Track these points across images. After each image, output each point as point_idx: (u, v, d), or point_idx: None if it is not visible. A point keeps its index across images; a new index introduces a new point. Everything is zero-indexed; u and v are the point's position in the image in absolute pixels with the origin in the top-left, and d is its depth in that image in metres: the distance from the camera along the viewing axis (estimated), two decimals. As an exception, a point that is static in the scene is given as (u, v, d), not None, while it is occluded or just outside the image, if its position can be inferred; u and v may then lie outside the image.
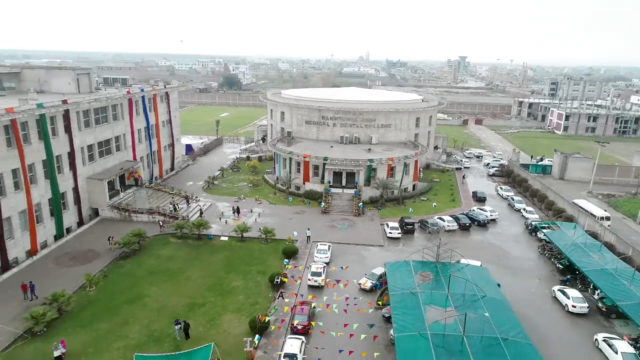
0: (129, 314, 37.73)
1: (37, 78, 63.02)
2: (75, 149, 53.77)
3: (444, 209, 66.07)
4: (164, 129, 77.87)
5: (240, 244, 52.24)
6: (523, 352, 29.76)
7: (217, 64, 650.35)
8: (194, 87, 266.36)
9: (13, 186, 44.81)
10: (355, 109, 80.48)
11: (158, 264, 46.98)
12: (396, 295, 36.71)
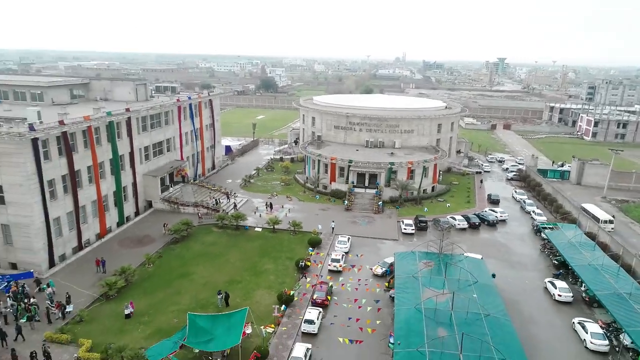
0: (180, 286, 46.19)
1: (102, 88, 73.17)
2: (134, 150, 63.20)
3: (458, 209, 71.87)
4: (207, 132, 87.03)
5: (272, 234, 60.16)
6: (499, 325, 36.05)
7: (254, 65, 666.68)
8: (232, 89, 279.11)
9: (87, 180, 54.33)
10: (380, 115, 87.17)
11: (203, 248, 55.49)
12: (400, 278, 43.53)
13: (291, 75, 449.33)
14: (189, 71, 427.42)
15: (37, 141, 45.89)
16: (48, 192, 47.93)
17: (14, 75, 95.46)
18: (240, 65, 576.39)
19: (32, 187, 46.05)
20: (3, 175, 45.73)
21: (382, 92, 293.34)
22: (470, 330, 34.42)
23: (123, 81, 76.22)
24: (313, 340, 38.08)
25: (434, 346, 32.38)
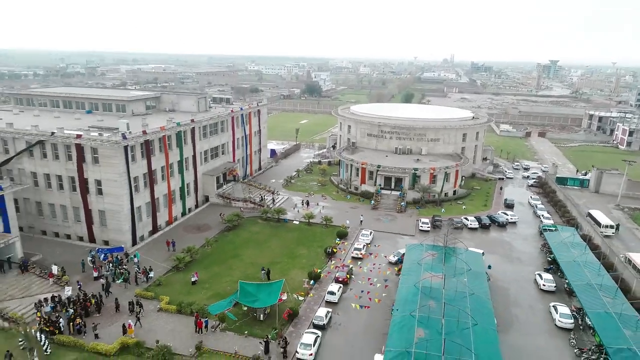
0: (232, 264, 58.37)
1: (170, 100, 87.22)
2: (196, 153, 76.40)
3: (473, 212, 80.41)
4: (255, 138, 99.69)
5: (307, 227, 71.49)
6: (480, 301, 45.50)
7: (301, 68, 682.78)
8: (279, 93, 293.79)
9: (161, 178, 67.79)
10: (409, 125, 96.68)
11: (250, 236, 67.61)
12: (407, 264, 53.69)
13: (336, 78, 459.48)
14: (238, 74, 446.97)
15: (127, 147, 59.48)
16: (133, 187, 61.54)
17: (103, 89, 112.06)
18: (287, 68, 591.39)
19: (123, 182, 59.72)
20: (102, 173, 59.64)
21: (424, 96, 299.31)
22: (454, 303, 44.13)
23: (188, 95, 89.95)
24: (334, 307, 49.00)
25: (423, 312, 42.46)
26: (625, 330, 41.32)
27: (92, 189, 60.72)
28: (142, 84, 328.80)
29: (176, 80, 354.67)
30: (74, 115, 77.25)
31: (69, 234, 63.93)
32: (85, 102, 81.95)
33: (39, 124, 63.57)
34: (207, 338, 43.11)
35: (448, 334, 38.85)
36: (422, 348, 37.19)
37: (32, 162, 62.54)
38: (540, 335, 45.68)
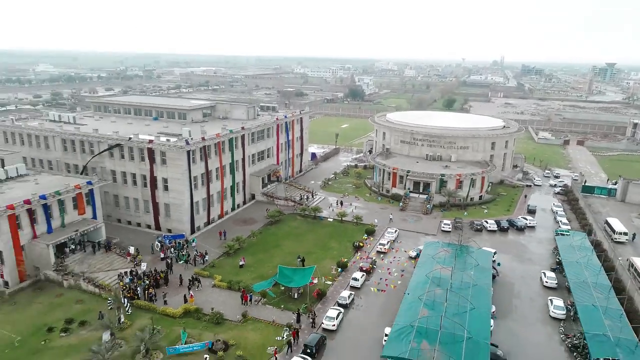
0: (273, 252, 68.49)
1: (224, 109, 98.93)
2: (245, 156, 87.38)
3: (495, 215, 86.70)
4: (297, 142, 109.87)
5: (340, 224, 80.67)
6: (481, 291, 53.07)
7: (346, 70, 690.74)
8: (323, 97, 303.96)
9: (215, 177, 79.11)
10: (439, 133, 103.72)
11: (289, 230, 77.62)
12: (422, 258, 61.83)
13: (380, 81, 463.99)
14: (284, 77, 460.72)
15: (189, 151, 70.96)
16: (193, 184, 73.03)
17: (167, 98, 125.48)
18: (332, 71, 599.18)
19: (185, 180, 71.28)
20: (168, 172, 71.48)
21: (466, 101, 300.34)
22: (458, 291, 52.00)
23: (239, 105, 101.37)
24: (356, 291, 57.96)
25: (430, 296, 50.62)
26: (606, 320, 47.76)
27: (159, 186, 72.77)
28: (195, 87, 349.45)
29: (226, 83, 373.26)
30: (144, 121, 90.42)
31: (139, 222, 76.42)
32: (152, 110, 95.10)
33: (117, 130, 76.57)
34: (251, 309, 53.28)
35: (447, 315, 46.91)
36: (424, 323, 45.47)
37: (112, 162, 75.43)
38: (534, 323, 52.69)
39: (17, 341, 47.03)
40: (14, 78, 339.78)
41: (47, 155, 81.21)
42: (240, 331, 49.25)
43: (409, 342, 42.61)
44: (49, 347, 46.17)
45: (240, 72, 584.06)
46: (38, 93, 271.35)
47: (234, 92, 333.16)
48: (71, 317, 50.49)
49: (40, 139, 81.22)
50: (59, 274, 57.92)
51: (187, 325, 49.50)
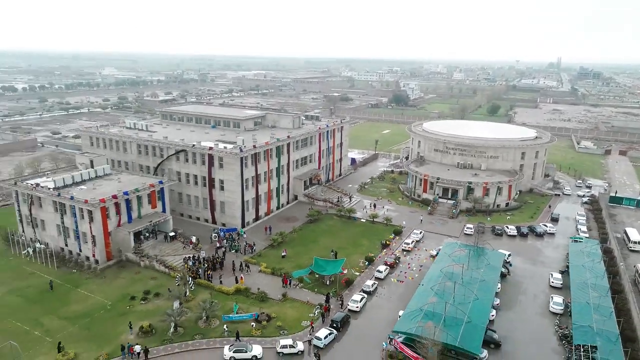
0: (311, 246, 79.18)
1: (272, 119, 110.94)
2: (290, 162, 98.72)
3: (518, 222, 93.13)
4: (338, 149, 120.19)
5: (371, 224, 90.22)
6: (487, 286, 61.22)
7: (393, 73, 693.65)
8: (367, 102, 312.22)
9: (263, 180, 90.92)
10: (470, 143, 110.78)
11: (326, 228, 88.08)
12: (440, 256, 70.50)
13: (427, 85, 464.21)
14: (331, 81, 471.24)
15: (243, 157, 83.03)
16: (244, 186, 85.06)
17: (223, 108, 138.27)
18: (378, 74, 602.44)
19: (238, 182, 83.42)
20: (224, 175, 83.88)
21: (512, 107, 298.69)
22: (466, 284, 60.50)
23: (286, 115, 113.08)
24: (380, 281, 67.54)
25: (440, 287, 59.43)
26: (595, 315, 54.80)
27: (216, 186, 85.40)
28: (246, 91, 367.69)
29: (275, 87, 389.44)
30: (204, 129, 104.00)
31: (199, 216, 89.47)
32: (211, 119, 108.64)
33: (182, 137, 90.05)
34: (290, 291, 64.17)
35: (453, 303, 55.66)
36: (431, 308, 54.50)
37: (177, 164, 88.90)
38: (534, 316, 60.27)
39: (109, 305, 60.32)
40: (84, 82, 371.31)
41: (125, 157, 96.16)
42: (280, 307, 60.27)
43: (417, 322, 51.87)
44: (132, 311, 59.05)
45: (289, 75, 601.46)
46: (106, 96, 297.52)
47: (282, 96, 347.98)
48: (148, 290, 63.36)
49: (119, 144, 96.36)
50: (137, 256, 71.39)
51: (238, 300, 61.05)
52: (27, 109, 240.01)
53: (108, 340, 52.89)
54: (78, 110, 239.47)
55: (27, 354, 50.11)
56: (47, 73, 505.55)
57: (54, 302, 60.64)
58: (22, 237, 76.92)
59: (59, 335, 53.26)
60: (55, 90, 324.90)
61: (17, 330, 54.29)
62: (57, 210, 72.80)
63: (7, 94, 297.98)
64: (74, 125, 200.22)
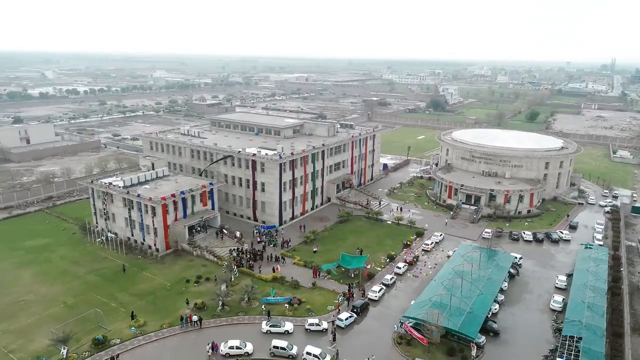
0: (339, 244, 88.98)
1: (309, 127, 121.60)
2: (324, 167, 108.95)
3: (537, 228, 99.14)
4: (370, 155, 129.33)
5: (396, 226, 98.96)
6: (492, 283, 69.02)
7: (435, 76, 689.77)
8: (405, 107, 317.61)
9: (299, 183, 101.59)
10: (495, 152, 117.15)
11: (354, 228, 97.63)
12: (455, 256, 78.67)
13: (468, 89, 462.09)
14: (370, 86, 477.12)
15: (281, 163, 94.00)
16: (282, 188, 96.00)
17: (266, 117, 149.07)
18: (419, 77, 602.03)
19: (276, 185, 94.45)
20: (265, 178, 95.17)
21: (552, 114, 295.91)
22: (473, 281, 68.59)
23: (322, 124, 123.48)
24: (398, 276, 76.53)
25: (450, 283, 67.84)
26: (587, 312, 61.70)
27: (258, 188, 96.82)
28: (288, 95, 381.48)
29: (316, 91, 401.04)
30: (248, 136, 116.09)
31: (242, 214, 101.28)
32: (254, 127, 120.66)
33: (229, 143, 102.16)
34: (319, 281, 74.31)
35: (459, 296, 64.02)
36: (439, 299, 63.13)
37: (225, 168, 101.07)
38: (534, 311, 67.61)
39: (168, 286, 72.61)
40: (138, 85, 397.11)
41: (179, 160, 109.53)
42: (310, 294, 70.55)
43: (424, 310, 60.73)
44: (187, 291, 70.96)
45: (330, 77, 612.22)
46: (158, 100, 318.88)
47: (322, 100, 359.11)
48: (200, 275, 75.25)
49: (175, 148, 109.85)
50: (191, 246, 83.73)
51: (274, 286, 71.78)
52: (89, 111, 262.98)
53: (169, 313, 64.90)
54: (134, 113, 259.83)
55: (108, 319, 62.77)
56: (104, 76, 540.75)
57: (125, 282, 73.62)
58: (96, 228, 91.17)
59: (131, 307, 65.80)
60: (112, 93, 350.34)
61: (98, 302, 67.29)
62: (125, 205, 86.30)
63: (71, 96, 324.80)
64: (130, 127, 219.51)
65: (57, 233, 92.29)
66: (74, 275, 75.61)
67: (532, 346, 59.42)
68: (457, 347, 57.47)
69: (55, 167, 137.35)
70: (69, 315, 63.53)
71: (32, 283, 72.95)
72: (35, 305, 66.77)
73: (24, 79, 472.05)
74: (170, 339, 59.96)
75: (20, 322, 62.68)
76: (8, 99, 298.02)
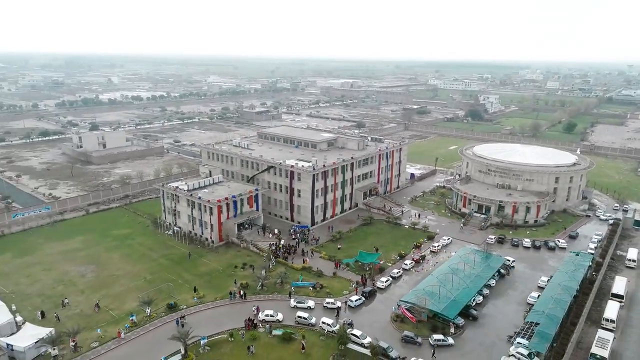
0: (360, 243, 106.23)
1: (342, 141, 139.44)
2: (353, 177, 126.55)
3: (538, 237, 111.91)
4: (396, 166, 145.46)
5: (412, 230, 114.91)
6: (479, 279, 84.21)
7: (483, 80, 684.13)
8: (444, 116, 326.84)
9: (330, 190, 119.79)
10: (508, 167, 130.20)
11: (375, 230, 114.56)
12: (454, 257, 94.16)
13: (511, 96, 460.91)
14: (414, 91, 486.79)
15: (314, 174, 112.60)
16: (315, 194, 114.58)
17: (305, 131, 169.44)
18: (465, 83, 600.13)
19: (310, 191, 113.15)
20: (301, 185, 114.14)
21: (592, 125, 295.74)
22: (464, 277, 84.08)
23: (352, 138, 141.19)
24: (405, 271, 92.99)
25: (443, 277, 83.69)
26: (551, 305, 75.80)
27: (295, 194, 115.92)
28: (331, 102, 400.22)
29: (359, 99, 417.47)
30: (289, 148, 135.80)
31: (281, 215, 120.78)
32: (295, 140, 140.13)
33: (272, 155, 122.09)
34: (338, 272, 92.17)
35: (448, 287, 79.86)
36: (430, 289, 79.28)
37: (268, 176, 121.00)
38: (513, 304, 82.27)
39: (220, 270, 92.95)
40: (194, 92, 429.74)
41: (231, 168, 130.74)
42: (330, 281, 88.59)
43: (417, 296, 77.21)
44: (235, 274, 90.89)
45: (375, 83, 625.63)
46: (212, 106, 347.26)
47: (364, 107, 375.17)
48: (245, 262, 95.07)
49: (228, 158, 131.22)
50: (239, 240, 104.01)
51: (302, 274, 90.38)
52: (152, 117, 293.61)
53: (221, 289, 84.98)
54: (190, 120, 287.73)
55: (176, 291, 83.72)
56: (163, 81, 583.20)
57: (189, 265, 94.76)
58: (164, 222, 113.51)
59: (193, 283, 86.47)
60: (171, 99, 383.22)
61: (169, 278, 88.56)
62: (188, 205, 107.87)
63: (136, 102, 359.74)
64: (188, 133, 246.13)
65: (135, 225, 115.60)
66: (150, 258, 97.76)
67: (502, 329, 74.49)
68: (440, 326, 73.66)
69: (127, 170, 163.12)
70: (149, 287, 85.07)
71: (119, 262, 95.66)
72: (123, 278, 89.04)
73: (93, 84, 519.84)
74: (221, 307, 79.98)
75: (115, 290, 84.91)
76: (83, 104, 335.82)
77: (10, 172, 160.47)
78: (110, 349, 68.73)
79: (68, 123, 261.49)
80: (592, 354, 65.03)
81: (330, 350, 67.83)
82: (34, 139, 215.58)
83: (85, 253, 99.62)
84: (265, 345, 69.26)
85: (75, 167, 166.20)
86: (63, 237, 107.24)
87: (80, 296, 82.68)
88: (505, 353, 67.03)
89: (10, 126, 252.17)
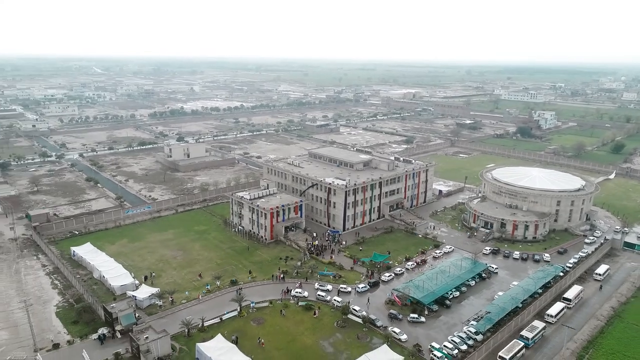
0: (378, 246, 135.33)
1: (375, 162, 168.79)
2: (382, 193, 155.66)
3: (531, 250, 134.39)
4: (422, 184, 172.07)
5: (424, 239, 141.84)
6: (459, 278, 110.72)
7: (557, 89, 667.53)
8: (494, 132, 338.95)
9: (360, 203, 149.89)
10: (516, 191, 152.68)
11: (393, 237, 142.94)
12: (445, 261, 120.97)
13: (575, 108, 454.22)
14: (475, 102, 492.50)
15: (347, 190, 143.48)
16: (346, 207, 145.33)
17: (347, 152, 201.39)
18: (531, 94, 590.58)
19: (342, 204, 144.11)
20: (336, 199, 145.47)
21: None
22: (447, 277, 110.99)
23: (383, 160, 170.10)
24: (408, 270, 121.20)
25: (432, 276, 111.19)
26: (507, 300, 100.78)
27: (331, 205, 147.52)
28: (389, 115, 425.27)
29: (415, 112, 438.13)
30: (331, 167, 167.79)
31: (320, 221, 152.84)
32: (336, 160, 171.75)
33: (316, 172, 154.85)
34: (355, 267, 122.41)
35: (432, 283, 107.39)
36: (418, 283, 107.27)
37: (313, 190, 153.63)
38: (482, 299, 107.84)
39: (269, 260, 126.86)
40: (265, 104, 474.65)
41: (284, 182, 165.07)
42: (347, 273, 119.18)
43: (405, 287, 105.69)
44: (279, 264, 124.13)
45: (439, 92, 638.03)
46: (279, 118, 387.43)
47: (419, 121, 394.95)
48: (287, 255, 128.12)
49: (282, 174, 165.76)
50: (285, 239, 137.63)
51: (327, 267, 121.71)
52: (227, 129, 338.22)
53: (267, 273, 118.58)
54: (259, 132, 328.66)
55: (237, 272, 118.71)
56: (238, 90, 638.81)
57: (247, 255, 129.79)
58: (232, 222, 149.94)
59: (249, 268, 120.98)
60: (245, 110, 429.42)
61: (233, 263, 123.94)
62: (250, 210, 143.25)
63: (214, 113, 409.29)
64: (255, 145, 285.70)
65: (210, 223, 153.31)
66: (220, 248, 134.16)
67: (466, 315, 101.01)
68: (419, 309, 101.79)
69: (206, 178, 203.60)
70: (218, 268, 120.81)
71: (199, 250, 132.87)
72: (202, 261, 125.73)
73: (178, 92, 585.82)
74: (267, 286, 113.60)
75: (196, 268, 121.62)
76: (170, 115, 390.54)
77: (121, 176, 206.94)
78: (194, 305, 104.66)
79: (160, 134, 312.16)
80: (521, 335, 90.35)
81: (336, 318, 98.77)
82: (134, 148, 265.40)
83: (176, 242, 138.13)
84: (292, 311, 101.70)
85: (166, 174, 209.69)
86: (160, 230, 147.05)
87: (173, 271, 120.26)
88: (460, 330, 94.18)
89: (115, 135, 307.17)
